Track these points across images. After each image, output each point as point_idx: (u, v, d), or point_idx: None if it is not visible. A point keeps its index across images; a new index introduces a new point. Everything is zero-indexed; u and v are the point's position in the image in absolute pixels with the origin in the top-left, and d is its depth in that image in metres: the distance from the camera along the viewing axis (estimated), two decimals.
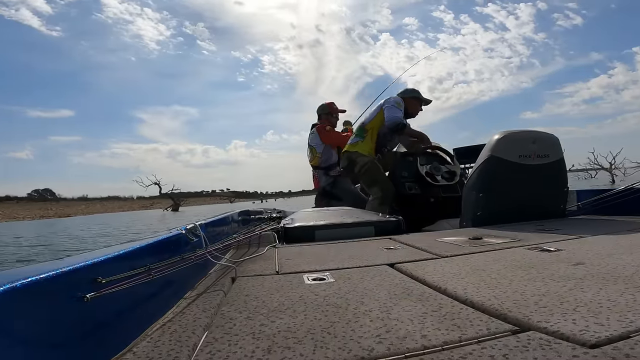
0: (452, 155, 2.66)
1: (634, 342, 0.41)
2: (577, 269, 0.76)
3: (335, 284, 0.77)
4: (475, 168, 1.82)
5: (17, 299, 0.38)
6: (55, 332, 0.43)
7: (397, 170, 2.54)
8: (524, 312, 0.53)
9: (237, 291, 0.76)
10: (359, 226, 1.66)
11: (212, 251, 0.89)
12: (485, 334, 0.48)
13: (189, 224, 0.93)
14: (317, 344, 0.48)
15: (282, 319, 0.58)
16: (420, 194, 2.45)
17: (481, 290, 0.65)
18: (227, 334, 0.53)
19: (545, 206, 1.84)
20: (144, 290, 0.60)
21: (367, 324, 0.54)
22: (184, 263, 0.73)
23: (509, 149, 1.71)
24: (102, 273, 0.51)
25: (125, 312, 0.56)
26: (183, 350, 0.48)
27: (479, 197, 1.76)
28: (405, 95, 2.66)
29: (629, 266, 0.75)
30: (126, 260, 0.59)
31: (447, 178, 2.51)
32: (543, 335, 0.46)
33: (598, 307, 0.53)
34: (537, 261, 0.86)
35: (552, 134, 1.83)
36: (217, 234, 1.21)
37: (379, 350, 0.45)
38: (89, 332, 0.48)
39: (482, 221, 1.72)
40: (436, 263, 0.92)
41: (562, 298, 0.58)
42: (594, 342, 0.42)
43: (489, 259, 0.92)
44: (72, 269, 0.46)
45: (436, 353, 0.44)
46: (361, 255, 1.09)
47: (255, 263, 1.06)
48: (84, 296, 0.46)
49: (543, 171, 1.76)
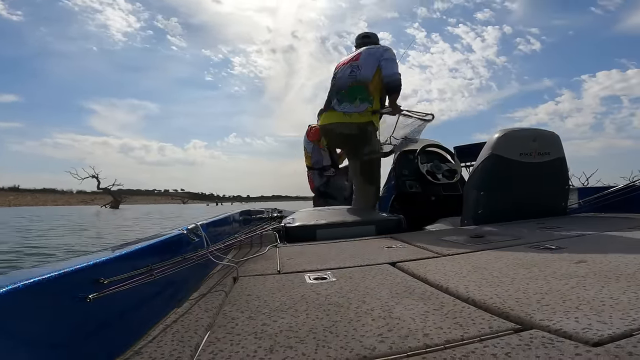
0: (453, 153, 2.66)
1: (636, 340, 0.41)
2: (579, 267, 0.76)
3: (336, 283, 0.77)
4: (476, 166, 1.81)
5: (20, 300, 0.38)
6: (58, 332, 0.43)
7: (398, 168, 2.53)
8: (526, 311, 0.53)
9: (239, 291, 0.77)
10: (360, 225, 1.66)
11: (214, 251, 0.89)
12: (488, 333, 0.47)
13: (191, 224, 0.93)
14: (319, 343, 0.48)
15: (284, 318, 0.58)
16: (421, 193, 2.45)
17: (483, 289, 0.65)
18: (229, 334, 0.53)
19: (546, 204, 1.84)
20: (146, 290, 0.60)
21: (369, 323, 0.54)
22: (185, 263, 0.73)
23: (509, 147, 1.71)
24: (105, 273, 0.51)
25: (128, 312, 0.57)
26: (185, 350, 0.48)
27: (480, 195, 1.76)
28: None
29: (631, 264, 0.75)
30: (128, 261, 0.59)
31: (448, 176, 2.51)
32: (545, 333, 0.45)
33: (600, 305, 0.53)
34: (539, 259, 0.85)
35: (552, 132, 1.83)
36: (219, 234, 1.21)
37: (381, 349, 0.45)
38: (92, 332, 0.48)
39: (484, 219, 1.71)
40: (437, 262, 0.92)
41: (564, 296, 0.58)
42: (597, 340, 0.42)
43: (491, 257, 0.92)
44: (74, 269, 0.46)
45: (438, 352, 0.43)
46: (362, 254, 1.09)
47: (257, 263, 1.06)
48: (86, 297, 0.46)
49: (544, 169, 1.76)
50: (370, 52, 2.11)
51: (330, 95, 2.17)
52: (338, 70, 2.19)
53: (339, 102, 2.10)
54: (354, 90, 2.08)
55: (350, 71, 2.10)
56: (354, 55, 2.17)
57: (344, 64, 2.19)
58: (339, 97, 2.11)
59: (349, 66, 2.14)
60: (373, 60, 2.07)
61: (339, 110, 2.09)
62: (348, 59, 2.20)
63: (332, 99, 2.15)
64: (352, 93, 2.07)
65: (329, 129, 2.19)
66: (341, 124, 2.10)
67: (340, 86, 2.12)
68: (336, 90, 2.13)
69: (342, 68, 2.17)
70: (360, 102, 2.06)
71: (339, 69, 2.19)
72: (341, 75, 2.14)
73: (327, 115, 2.18)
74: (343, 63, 2.20)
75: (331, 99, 2.15)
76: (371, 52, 2.11)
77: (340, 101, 2.10)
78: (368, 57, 2.10)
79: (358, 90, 2.07)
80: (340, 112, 2.09)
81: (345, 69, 2.15)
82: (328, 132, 2.24)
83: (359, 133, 2.09)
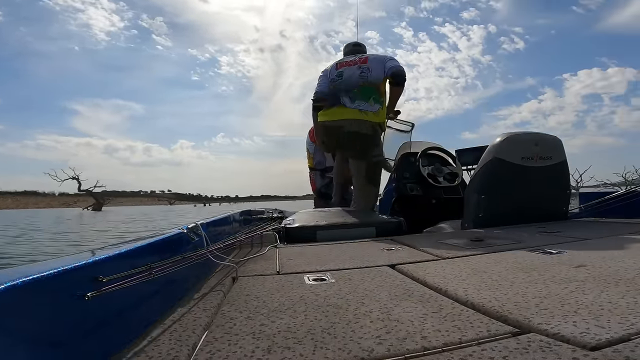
0: (454, 156, 2.66)
1: (634, 344, 0.41)
2: (579, 271, 0.76)
3: (335, 285, 0.77)
4: (477, 170, 1.81)
5: (18, 298, 0.38)
6: (55, 330, 0.43)
7: (399, 171, 2.54)
8: (524, 314, 0.53)
9: (238, 291, 0.77)
10: (360, 227, 1.66)
11: (214, 251, 0.89)
12: (486, 336, 0.47)
13: (191, 223, 0.93)
14: (317, 344, 0.48)
15: (282, 319, 0.58)
16: (421, 195, 2.45)
17: (482, 292, 0.65)
18: (227, 334, 0.53)
19: (547, 208, 1.83)
20: (145, 289, 0.60)
21: (367, 324, 0.54)
22: (185, 262, 0.74)
23: (511, 150, 1.71)
24: (103, 272, 0.51)
25: (126, 311, 0.57)
26: (183, 349, 0.48)
27: (480, 198, 1.75)
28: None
29: (631, 269, 0.74)
30: (127, 259, 0.59)
31: (449, 179, 2.50)
32: (543, 337, 0.45)
33: (599, 309, 0.53)
34: (538, 263, 0.85)
35: (555, 136, 1.83)
36: (219, 234, 1.21)
37: (379, 351, 0.45)
38: (90, 330, 0.48)
39: (484, 223, 1.71)
40: (437, 264, 0.92)
41: (563, 300, 0.58)
42: (595, 344, 0.41)
43: (490, 260, 0.92)
44: (73, 267, 0.46)
45: (436, 354, 0.43)
46: (362, 256, 1.08)
47: (256, 263, 1.06)
48: (85, 295, 0.46)
49: (545, 173, 1.76)
50: (376, 58, 2.17)
51: (337, 93, 2.16)
52: (343, 70, 2.19)
53: (352, 100, 2.11)
54: (366, 90, 2.11)
55: (360, 72, 2.13)
56: (360, 58, 2.20)
57: (348, 65, 2.20)
58: (351, 95, 2.12)
59: (357, 67, 2.15)
60: (380, 65, 2.13)
61: (353, 107, 2.10)
62: (352, 61, 2.21)
63: (339, 96, 2.14)
64: (365, 92, 2.10)
65: (337, 125, 2.16)
66: (356, 121, 2.10)
67: (351, 85, 2.13)
68: (345, 89, 2.14)
69: (347, 69, 2.18)
70: (374, 102, 2.10)
71: (343, 69, 2.20)
72: (350, 74, 2.15)
73: (336, 112, 2.15)
74: (347, 64, 2.21)
75: (338, 96, 2.14)
76: (377, 58, 2.17)
77: (352, 99, 2.11)
78: (375, 61, 2.15)
79: (370, 90, 2.10)
80: (354, 108, 2.10)
81: (353, 70, 2.16)
82: (334, 130, 2.19)
83: (372, 133, 2.14)
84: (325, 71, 2.30)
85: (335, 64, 2.26)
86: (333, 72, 2.23)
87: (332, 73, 2.23)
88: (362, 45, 2.42)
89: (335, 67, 2.24)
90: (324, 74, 2.28)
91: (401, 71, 2.09)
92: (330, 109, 2.18)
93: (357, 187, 2.26)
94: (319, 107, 2.24)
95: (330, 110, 2.18)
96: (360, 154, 2.20)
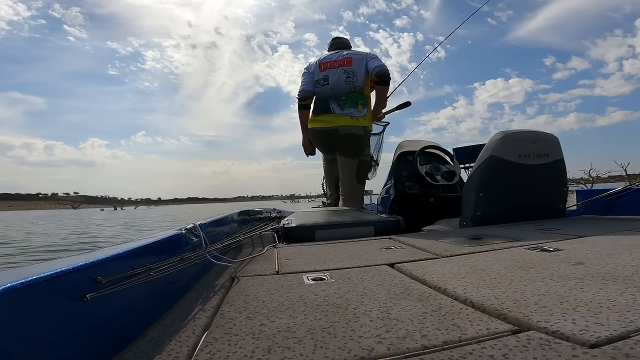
0: (452, 155, 2.67)
1: (633, 341, 0.41)
2: (577, 268, 0.76)
3: (335, 284, 0.77)
4: (475, 168, 1.82)
5: (17, 299, 0.38)
6: (54, 331, 0.43)
7: (397, 169, 2.54)
8: (523, 312, 0.53)
9: (237, 291, 0.76)
10: (358, 226, 1.67)
11: (212, 251, 0.89)
12: (485, 334, 0.48)
13: (189, 224, 0.93)
14: (317, 343, 0.48)
15: (282, 319, 0.58)
16: (419, 194, 2.46)
17: (481, 290, 0.66)
18: (227, 334, 0.53)
19: (545, 206, 1.84)
20: (144, 290, 0.60)
21: (366, 323, 0.54)
22: (184, 263, 0.73)
23: (508, 148, 1.71)
24: (102, 273, 0.51)
25: (125, 311, 0.56)
26: (183, 350, 0.48)
27: (478, 196, 1.76)
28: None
29: (629, 266, 0.75)
30: (126, 260, 0.59)
31: (447, 178, 2.51)
32: (543, 335, 0.46)
33: (598, 306, 0.53)
34: (537, 261, 0.86)
35: (552, 134, 1.83)
36: (217, 234, 1.21)
37: (379, 350, 0.45)
38: (89, 331, 0.48)
39: (482, 221, 1.72)
40: (436, 263, 0.92)
41: (561, 298, 0.58)
42: (594, 342, 0.42)
43: (489, 258, 0.92)
44: (72, 268, 0.46)
45: (436, 353, 0.44)
46: (361, 255, 1.09)
47: (255, 263, 1.06)
48: (83, 296, 0.46)
49: (543, 171, 1.76)
50: (359, 58, 2.22)
51: (326, 99, 2.23)
52: (327, 74, 2.23)
53: (341, 107, 2.19)
54: (353, 95, 2.19)
55: (346, 77, 2.19)
56: (344, 60, 2.23)
57: (333, 67, 2.23)
58: (340, 102, 2.19)
59: (343, 72, 2.20)
60: (362, 65, 2.20)
61: (345, 113, 2.18)
62: (336, 61, 2.24)
63: (328, 102, 2.21)
64: (353, 99, 2.19)
65: (332, 130, 2.21)
66: (351, 127, 2.19)
67: (338, 91, 2.20)
68: (334, 95, 2.21)
69: (332, 71, 2.22)
70: (362, 107, 2.21)
71: (328, 72, 2.23)
72: (337, 79, 2.20)
73: (328, 119, 2.22)
74: (331, 66, 2.24)
75: (328, 102, 2.22)
76: (359, 58, 2.21)
77: (342, 106, 2.19)
78: (358, 62, 2.20)
79: (357, 96, 2.20)
80: (346, 115, 2.18)
81: (338, 74, 2.20)
82: (328, 133, 2.25)
83: (364, 134, 2.24)
84: (308, 68, 2.34)
85: (318, 64, 2.29)
86: (317, 72, 2.28)
87: (316, 74, 2.28)
88: (344, 41, 2.45)
89: (319, 68, 2.28)
90: (308, 71, 2.33)
91: (385, 72, 2.14)
92: (320, 116, 2.25)
93: (347, 185, 2.33)
94: (305, 105, 2.31)
95: (320, 117, 2.25)
96: (353, 153, 2.27)
